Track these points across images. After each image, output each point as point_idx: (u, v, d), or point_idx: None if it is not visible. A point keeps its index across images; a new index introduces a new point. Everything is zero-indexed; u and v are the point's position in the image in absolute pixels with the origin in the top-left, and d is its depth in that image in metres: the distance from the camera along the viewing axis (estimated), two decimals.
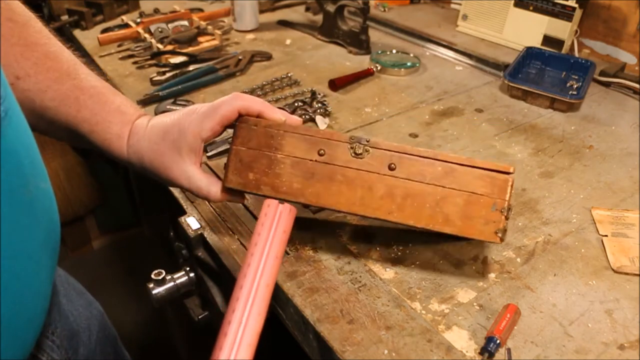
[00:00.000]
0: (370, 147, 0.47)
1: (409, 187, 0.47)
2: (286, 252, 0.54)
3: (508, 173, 0.46)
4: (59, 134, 0.51)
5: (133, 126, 0.50)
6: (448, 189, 0.47)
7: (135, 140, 0.50)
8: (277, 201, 0.44)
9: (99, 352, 0.57)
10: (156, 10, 1.20)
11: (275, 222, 0.43)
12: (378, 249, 0.55)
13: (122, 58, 1.01)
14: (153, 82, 0.90)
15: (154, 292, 0.55)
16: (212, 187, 0.50)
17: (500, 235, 0.46)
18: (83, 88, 0.49)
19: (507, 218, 0.46)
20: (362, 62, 1.01)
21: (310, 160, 0.47)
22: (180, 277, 0.57)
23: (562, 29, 1.01)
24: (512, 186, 0.46)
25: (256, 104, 0.48)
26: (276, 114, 0.49)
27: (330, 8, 1.07)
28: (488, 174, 0.46)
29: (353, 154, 0.47)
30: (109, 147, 0.50)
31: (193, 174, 0.49)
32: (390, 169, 0.47)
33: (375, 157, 0.47)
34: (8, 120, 0.33)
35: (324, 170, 0.47)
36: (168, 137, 0.48)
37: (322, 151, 0.47)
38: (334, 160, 0.47)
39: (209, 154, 0.68)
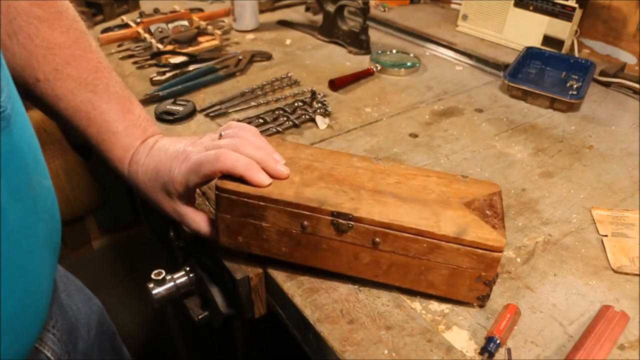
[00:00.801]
0: (354, 222, 0.45)
1: (394, 258, 0.47)
2: None
3: (498, 251, 0.44)
4: (74, 136, 0.53)
5: (134, 153, 0.51)
6: (433, 262, 0.46)
7: (134, 169, 0.51)
8: (612, 307, 0.47)
9: (97, 347, 0.57)
10: (156, 10, 1.20)
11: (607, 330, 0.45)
12: None
13: (122, 58, 1.01)
14: (153, 82, 0.90)
15: (154, 292, 0.55)
16: (203, 226, 0.50)
17: (482, 301, 0.48)
18: (96, 104, 0.50)
19: (490, 288, 0.47)
20: (362, 62, 1.01)
21: (294, 230, 0.47)
22: (180, 277, 0.57)
23: (562, 29, 1.01)
24: (499, 261, 0.45)
25: (238, 168, 0.45)
26: (259, 179, 0.46)
27: (330, 8, 1.07)
28: (475, 251, 0.45)
29: (336, 230, 0.46)
30: (112, 166, 0.52)
31: (184, 212, 0.50)
32: (374, 243, 0.46)
33: (359, 232, 0.46)
34: (14, 118, 0.34)
35: (309, 239, 0.47)
36: (160, 177, 0.49)
37: (305, 223, 0.46)
38: (317, 232, 0.46)
39: None
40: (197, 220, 0.50)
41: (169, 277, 0.56)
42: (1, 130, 0.32)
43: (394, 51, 1.05)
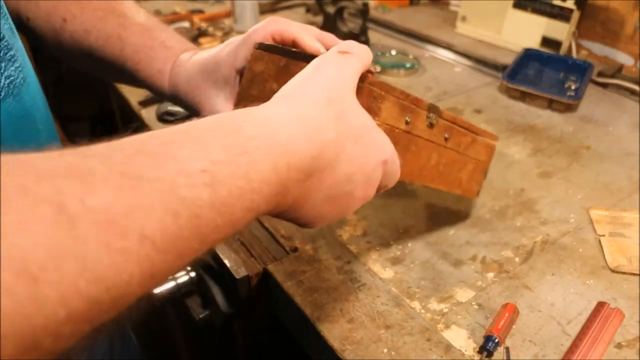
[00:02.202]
0: (438, 117, 0.46)
1: (450, 156, 0.49)
2: (286, 252, 0.55)
3: (496, 141, 0.55)
4: (111, 74, 0.51)
5: (176, 61, 0.49)
6: (469, 157, 0.51)
7: (174, 74, 0.48)
8: (608, 304, 0.47)
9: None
10: (157, 12, 1.20)
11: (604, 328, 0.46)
12: (377, 248, 0.56)
13: None
14: None
15: (154, 291, 0.55)
16: None
17: (478, 194, 0.57)
18: (127, 26, 0.48)
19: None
20: None
21: (397, 129, 0.42)
22: (181, 277, 0.57)
23: (560, 31, 1.02)
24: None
25: (291, 28, 0.42)
26: (314, 44, 0.41)
27: (330, 9, 1.08)
28: (488, 142, 0.54)
29: (428, 125, 0.45)
30: (152, 83, 0.49)
31: (223, 108, 0.46)
32: (445, 139, 0.47)
33: (440, 127, 0.46)
34: (26, 86, 0.36)
35: (404, 139, 0.43)
36: (204, 70, 0.46)
37: (408, 119, 0.42)
38: (413, 130, 0.43)
39: None
40: None
41: (169, 277, 0.57)
42: (13, 97, 0.34)
43: (394, 52, 1.05)
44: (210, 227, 0.23)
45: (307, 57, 0.39)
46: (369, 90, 0.38)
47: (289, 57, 0.40)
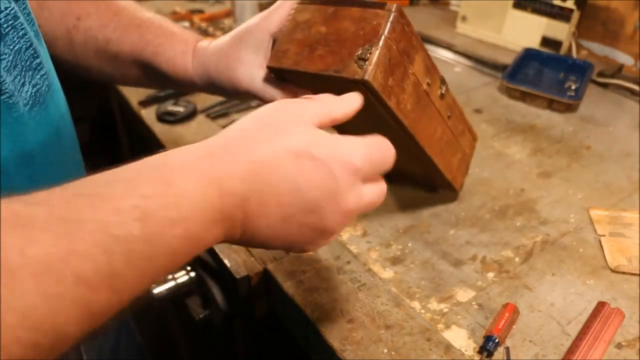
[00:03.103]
0: (447, 91, 0.49)
1: (448, 135, 0.52)
2: (286, 252, 0.55)
3: (476, 140, 0.60)
4: (126, 70, 0.51)
5: (196, 45, 0.49)
6: (460, 145, 0.55)
7: (198, 55, 0.48)
8: (608, 304, 0.48)
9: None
10: (157, 12, 1.20)
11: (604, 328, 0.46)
12: (377, 248, 0.56)
13: None
14: None
15: (154, 291, 0.55)
16: (279, 93, 0.44)
17: (461, 188, 0.61)
18: (143, 18, 0.50)
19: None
20: None
21: (421, 86, 0.44)
22: (181, 277, 0.57)
23: (561, 31, 1.02)
24: None
25: None
26: None
27: None
28: (471, 139, 0.58)
29: (440, 95, 0.48)
30: (173, 67, 0.48)
31: (258, 74, 0.44)
32: (448, 117, 0.51)
33: (446, 102, 0.49)
34: (51, 94, 0.36)
35: (424, 100, 0.45)
36: (234, 39, 0.46)
37: (429, 81, 0.45)
38: (431, 94, 0.46)
39: None
40: (278, 90, 0.44)
41: (169, 276, 0.57)
42: (39, 105, 0.35)
43: None
44: (144, 260, 0.23)
45: (355, 3, 0.42)
46: (409, 37, 0.42)
47: (338, 5, 0.42)
